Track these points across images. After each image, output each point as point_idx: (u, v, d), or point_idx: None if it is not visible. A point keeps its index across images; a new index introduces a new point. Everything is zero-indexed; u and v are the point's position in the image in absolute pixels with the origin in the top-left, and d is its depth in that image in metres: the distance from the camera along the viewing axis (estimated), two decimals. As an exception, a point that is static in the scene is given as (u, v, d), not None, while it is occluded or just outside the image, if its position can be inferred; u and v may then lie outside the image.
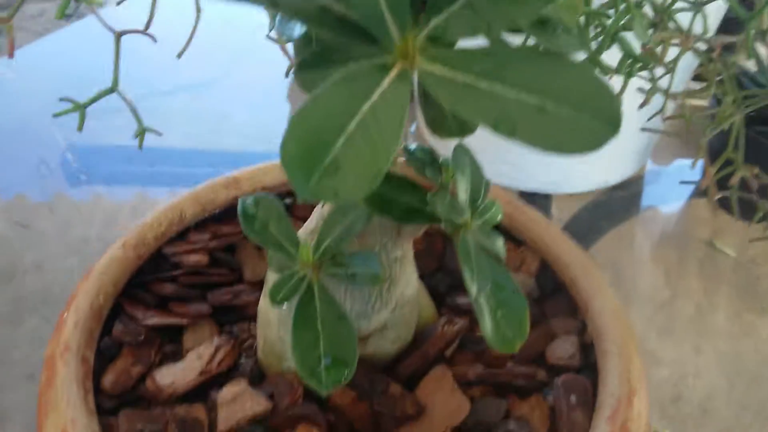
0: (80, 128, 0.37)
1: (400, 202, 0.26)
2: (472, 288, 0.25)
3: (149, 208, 0.68)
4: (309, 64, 0.21)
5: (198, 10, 0.32)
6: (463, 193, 0.27)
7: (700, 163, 0.79)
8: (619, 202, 0.71)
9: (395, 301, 0.32)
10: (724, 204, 0.68)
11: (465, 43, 0.20)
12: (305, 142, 0.18)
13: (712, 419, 0.50)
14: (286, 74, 0.33)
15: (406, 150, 0.28)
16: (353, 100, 0.18)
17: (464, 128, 0.24)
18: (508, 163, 0.62)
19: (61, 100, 0.37)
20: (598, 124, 0.18)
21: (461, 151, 0.27)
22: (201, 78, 0.88)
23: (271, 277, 0.32)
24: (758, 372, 0.54)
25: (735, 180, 0.42)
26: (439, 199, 0.26)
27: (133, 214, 0.69)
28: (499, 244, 0.28)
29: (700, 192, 0.74)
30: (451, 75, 0.19)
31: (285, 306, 0.32)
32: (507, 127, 0.19)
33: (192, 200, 0.38)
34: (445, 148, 0.30)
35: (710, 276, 0.63)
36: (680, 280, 0.63)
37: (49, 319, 0.57)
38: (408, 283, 0.32)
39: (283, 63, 0.35)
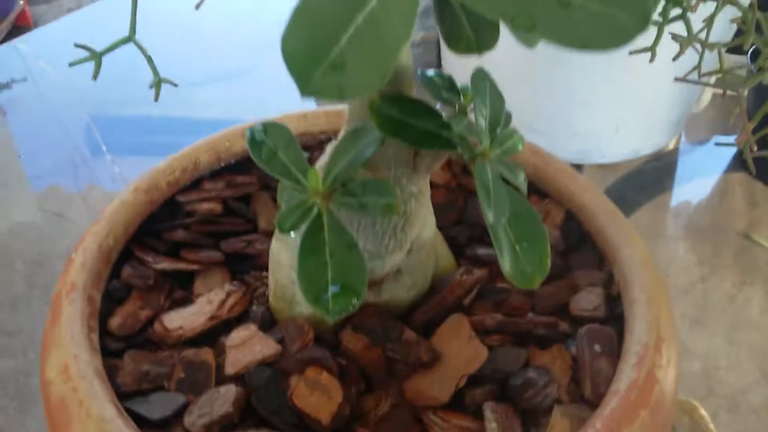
0: (95, 77, 0.36)
1: (416, 126, 0.24)
2: (489, 215, 0.24)
3: None
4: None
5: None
6: (482, 119, 0.25)
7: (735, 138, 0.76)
8: (653, 174, 0.69)
9: (411, 242, 0.30)
10: (760, 173, 0.65)
11: None
12: (308, 37, 0.17)
13: (743, 413, 0.48)
14: None
15: (423, 74, 0.27)
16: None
17: (482, 43, 0.23)
18: (536, 131, 0.61)
19: (77, 46, 0.36)
20: (626, 16, 0.17)
21: (481, 75, 0.26)
22: (231, 69, 0.88)
23: (282, 216, 0.31)
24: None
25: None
26: (457, 122, 0.24)
27: None
28: (521, 176, 0.27)
29: (735, 166, 0.72)
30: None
31: (297, 244, 0.31)
32: (526, 21, 0.17)
33: (207, 148, 0.37)
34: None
35: (745, 266, 0.60)
36: (714, 260, 0.61)
37: None
38: (424, 224, 0.31)
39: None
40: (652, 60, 0.37)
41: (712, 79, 0.50)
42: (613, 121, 0.60)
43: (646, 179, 0.69)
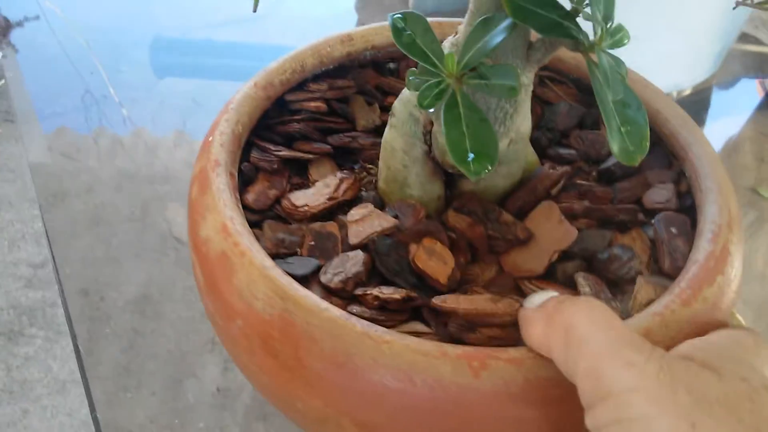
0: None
1: (542, 14, 0.28)
2: (608, 96, 0.28)
3: (188, 142, 0.70)
4: None
5: None
6: (598, 12, 0.29)
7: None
8: (690, 108, 0.72)
9: (514, 132, 0.34)
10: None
11: None
12: None
13: None
14: None
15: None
16: None
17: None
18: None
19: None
20: None
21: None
22: (248, 14, 0.89)
23: (400, 106, 0.35)
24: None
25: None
26: (579, 10, 0.28)
27: (174, 145, 0.70)
28: (623, 68, 0.30)
29: (762, 106, 0.75)
30: None
31: (411, 132, 0.34)
32: None
33: (312, 52, 0.40)
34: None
35: (752, 219, 0.64)
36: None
37: (102, 238, 0.59)
38: (525, 116, 0.35)
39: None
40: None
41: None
42: (658, 53, 0.63)
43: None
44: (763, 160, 0.72)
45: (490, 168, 0.28)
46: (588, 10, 0.29)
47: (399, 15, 0.30)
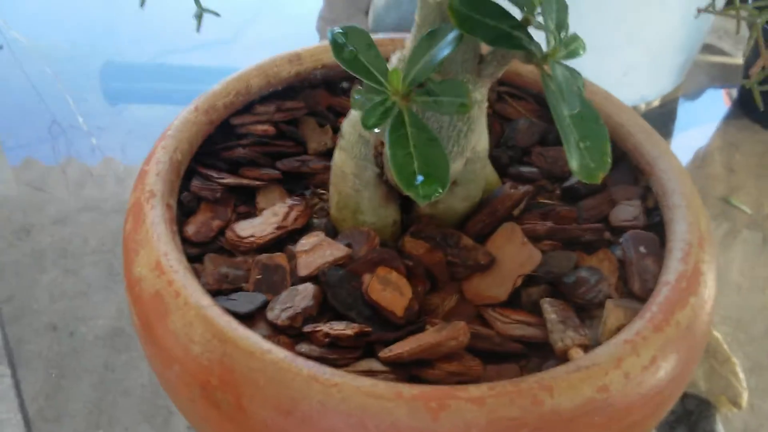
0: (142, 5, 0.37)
1: (490, 25, 0.26)
2: (564, 110, 0.26)
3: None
4: None
5: None
6: (550, 21, 0.27)
7: (731, 91, 0.79)
8: (657, 119, 0.71)
9: (469, 151, 0.32)
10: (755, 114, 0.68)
11: None
12: None
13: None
14: None
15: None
16: None
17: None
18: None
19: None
20: None
21: (547, -19, 0.28)
22: (215, 38, 0.86)
23: (348, 127, 0.33)
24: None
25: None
26: (531, 19, 0.26)
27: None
28: (580, 80, 0.29)
29: (732, 114, 0.75)
30: None
31: (362, 154, 0.32)
32: None
33: (258, 72, 0.38)
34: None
35: (725, 229, 0.63)
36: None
37: (70, 270, 0.58)
38: (480, 136, 0.33)
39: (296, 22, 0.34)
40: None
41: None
42: (621, 65, 0.62)
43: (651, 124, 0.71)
44: (733, 169, 0.71)
45: (440, 191, 0.26)
46: (540, 19, 0.28)
47: (339, 30, 0.28)
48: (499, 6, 0.27)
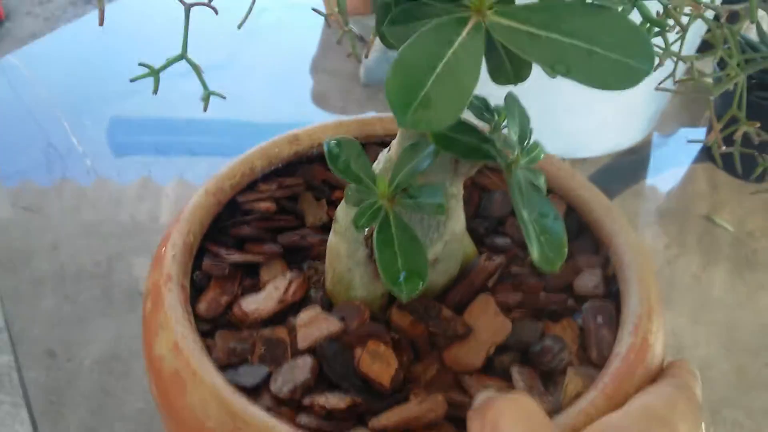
0: (155, 91, 0.42)
1: (462, 141, 0.31)
2: (524, 213, 0.30)
3: (153, 193, 0.72)
4: (397, 20, 0.26)
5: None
6: (513, 134, 0.32)
7: (703, 131, 0.84)
8: (630, 166, 0.76)
9: (448, 234, 0.37)
10: (726, 165, 0.73)
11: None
12: (403, 81, 0.23)
13: (707, 389, 0.55)
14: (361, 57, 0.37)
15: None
16: (440, 46, 0.23)
17: (519, 76, 0.29)
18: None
19: (140, 65, 0.41)
20: (637, 64, 0.23)
21: (512, 98, 0.32)
22: (208, 61, 0.90)
23: (342, 213, 0.37)
24: (754, 343, 0.58)
25: (739, 134, 0.47)
26: (497, 137, 0.31)
27: (138, 197, 0.71)
28: (541, 180, 0.33)
29: (701, 157, 0.79)
30: (516, 26, 0.23)
31: (354, 237, 0.37)
32: (563, 68, 0.24)
33: (260, 154, 0.43)
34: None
35: (708, 247, 0.67)
36: (680, 243, 0.68)
37: (68, 296, 0.60)
38: (458, 220, 0.37)
39: (291, 45, 0.38)
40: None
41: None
42: (595, 120, 0.67)
43: (624, 170, 0.76)
44: (716, 187, 0.76)
45: (420, 286, 0.30)
46: (505, 131, 0.32)
47: (334, 141, 0.32)
48: (468, 123, 0.31)
